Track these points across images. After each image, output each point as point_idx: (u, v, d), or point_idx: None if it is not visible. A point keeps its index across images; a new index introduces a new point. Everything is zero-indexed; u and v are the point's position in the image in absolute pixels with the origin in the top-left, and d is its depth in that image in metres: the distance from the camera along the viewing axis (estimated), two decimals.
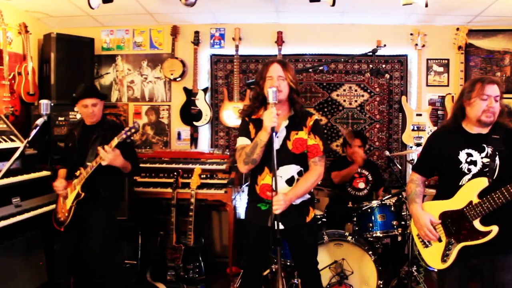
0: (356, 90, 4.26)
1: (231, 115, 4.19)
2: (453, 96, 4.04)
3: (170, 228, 3.43)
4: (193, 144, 4.36)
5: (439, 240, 2.10)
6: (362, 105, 4.26)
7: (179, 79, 4.29)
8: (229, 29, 4.28)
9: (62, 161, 3.06)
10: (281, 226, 2.20)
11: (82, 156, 2.75)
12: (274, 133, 2.10)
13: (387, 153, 3.65)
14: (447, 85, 4.17)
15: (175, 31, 4.28)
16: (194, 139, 4.36)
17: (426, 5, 3.02)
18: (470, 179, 2.02)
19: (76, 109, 3.59)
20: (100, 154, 2.56)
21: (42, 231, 3.20)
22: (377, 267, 2.96)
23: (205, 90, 4.24)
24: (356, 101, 4.27)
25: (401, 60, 4.21)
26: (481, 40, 4.11)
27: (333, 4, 3.13)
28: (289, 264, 3.08)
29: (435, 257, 2.12)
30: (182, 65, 4.24)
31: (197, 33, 4.24)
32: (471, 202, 1.99)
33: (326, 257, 2.99)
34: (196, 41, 4.24)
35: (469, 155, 2.05)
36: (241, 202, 3.84)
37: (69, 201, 2.77)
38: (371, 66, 4.17)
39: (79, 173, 2.73)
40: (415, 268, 3.16)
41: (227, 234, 3.85)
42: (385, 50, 3.75)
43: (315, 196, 2.45)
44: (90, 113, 2.81)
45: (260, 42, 4.26)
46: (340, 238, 3.03)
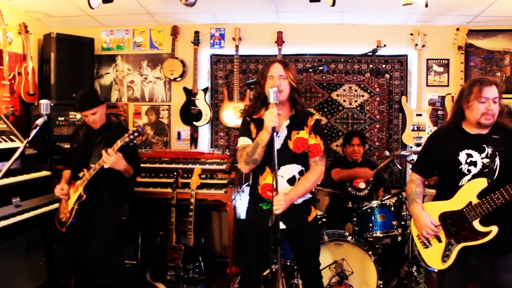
0: (356, 90, 4.26)
1: (231, 115, 4.19)
2: (453, 96, 4.04)
3: (170, 228, 3.43)
4: (193, 144, 4.36)
5: (439, 241, 2.10)
6: (362, 105, 4.26)
7: (179, 79, 4.28)
8: (229, 29, 4.28)
9: (67, 162, 3.07)
10: (282, 225, 2.20)
11: (86, 157, 2.75)
12: (275, 133, 2.10)
13: (387, 153, 3.65)
14: (447, 85, 4.16)
15: (175, 31, 4.28)
16: (194, 139, 4.36)
17: (426, 5, 3.02)
18: (470, 180, 2.02)
19: None
20: (103, 157, 2.56)
21: (42, 231, 3.20)
22: (377, 267, 2.96)
23: (205, 90, 4.24)
24: (356, 101, 4.27)
25: (401, 60, 4.21)
26: (481, 40, 4.11)
27: (333, 4, 3.13)
28: (289, 264, 3.08)
29: (435, 257, 2.12)
30: (182, 65, 4.24)
31: (197, 33, 4.24)
32: (470, 203, 1.99)
33: (326, 257, 2.99)
34: (196, 41, 4.24)
35: (469, 155, 2.05)
36: (241, 202, 3.84)
37: (71, 202, 2.78)
38: (371, 66, 4.17)
39: (82, 174, 2.73)
40: (415, 268, 3.16)
41: (227, 234, 3.85)
42: (385, 50, 3.75)
43: (316, 195, 2.45)
44: (90, 121, 2.83)
45: (260, 42, 4.26)
46: (340, 238, 3.03)
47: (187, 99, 4.26)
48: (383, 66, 4.22)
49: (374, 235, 3.15)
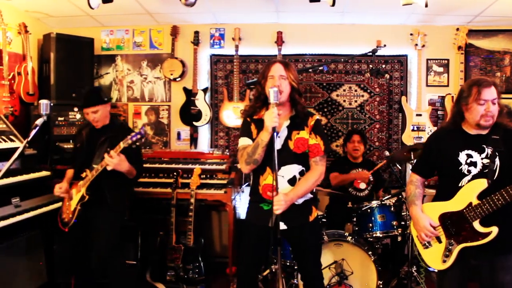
0: (356, 90, 4.26)
1: (231, 115, 4.19)
2: (453, 96, 4.03)
3: (170, 228, 3.43)
4: (192, 144, 4.36)
5: (439, 241, 2.10)
6: (362, 105, 4.26)
7: (179, 79, 4.28)
8: (229, 29, 4.28)
9: (70, 161, 3.06)
10: (284, 226, 2.21)
11: (89, 157, 2.75)
12: (275, 133, 2.10)
13: (386, 153, 3.65)
14: (447, 85, 4.16)
15: (175, 31, 4.28)
16: (193, 139, 4.36)
17: (426, 5, 3.02)
18: (470, 180, 2.02)
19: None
20: (105, 159, 2.55)
21: (42, 231, 3.20)
22: (376, 267, 2.96)
23: (205, 90, 4.24)
24: (356, 101, 4.26)
25: (401, 60, 4.21)
26: (481, 40, 4.10)
27: (333, 4, 3.13)
28: (289, 264, 3.08)
29: (435, 258, 2.12)
30: (182, 65, 4.24)
31: (197, 33, 4.24)
32: (470, 204, 1.99)
33: (326, 257, 2.99)
34: (196, 41, 4.24)
35: (469, 156, 2.05)
36: (240, 202, 3.84)
37: (73, 203, 2.77)
38: (371, 66, 4.17)
39: (84, 175, 2.72)
40: (414, 269, 3.16)
41: (226, 234, 3.85)
42: (385, 50, 3.75)
43: (317, 195, 2.44)
44: (91, 120, 2.82)
45: (260, 42, 4.26)
46: (340, 238, 3.04)
47: (187, 99, 4.25)
48: (383, 66, 4.22)
49: (374, 235, 3.14)
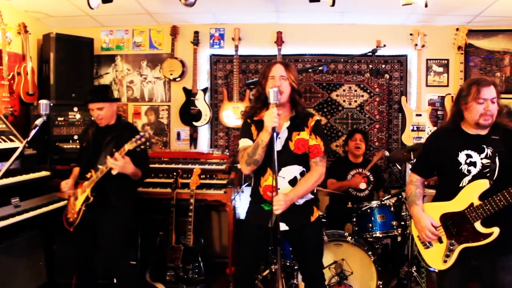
0: (355, 90, 4.26)
1: (231, 115, 4.19)
2: (452, 96, 4.03)
3: (170, 229, 3.43)
4: (192, 144, 4.36)
5: (440, 241, 2.10)
6: (362, 105, 4.26)
7: (179, 79, 4.28)
8: (228, 29, 4.28)
9: (76, 159, 3.06)
10: (285, 227, 2.21)
11: (95, 157, 2.73)
12: (275, 133, 2.10)
13: (386, 153, 3.65)
14: (447, 85, 4.16)
15: (174, 31, 4.28)
16: (193, 139, 4.36)
17: (426, 5, 3.02)
18: (470, 181, 2.02)
19: None
20: (110, 163, 2.53)
21: (42, 231, 3.20)
22: (376, 268, 2.96)
23: (204, 90, 4.24)
24: (355, 101, 4.26)
25: (401, 60, 4.21)
26: (481, 40, 4.10)
27: (333, 4, 3.13)
28: (288, 264, 3.08)
29: (436, 258, 2.11)
30: (181, 65, 4.24)
31: (196, 33, 4.24)
32: (472, 204, 1.99)
33: (326, 257, 2.98)
34: (196, 41, 4.24)
35: (468, 156, 2.04)
36: (240, 203, 3.84)
37: (78, 203, 2.77)
38: (370, 66, 4.17)
39: (90, 175, 2.71)
40: (414, 269, 3.15)
41: (226, 234, 3.84)
42: (385, 50, 3.74)
43: (318, 196, 2.45)
44: (95, 117, 2.80)
45: (259, 42, 4.26)
46: (340, 239, 3.04)
47: (186, 99, 4.25)
48: (383, 66, 4.22)
49: (373, 235, 3.15)
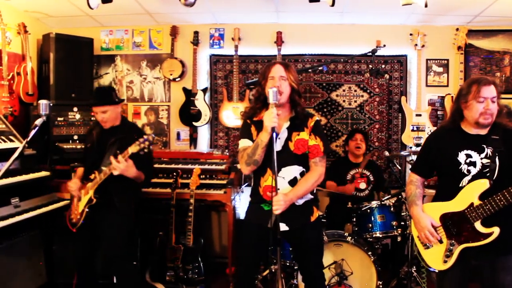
0: (355, 91, 4.26)
1: (231, 115, 4.19)
2: (452, 97, 4.03)
3: (170, 229, 3.42)
4: (192, 144, 4.36)
5: (440, 242, 2.10)
6: (362, 105, 4.26)
7: (179, 79, 4.28)
8: (228, 29, 4.28)
9: (81, 160, 3.06)
10: (285, 227, 2.21)
11: (99, 158, 2.72)
12: (274, 133, 2.09)
13: (386, 153, 3.65)
14: (447, 86, 4.16)
15: (174, 31, 4.28)
16: (193, 139, 4.36)
17: (426, 5, 3.02)
18: (470, 180, 2.02)
19: None
20: (112, 164, 2.52)
21: (42, 231, 3.20)
22: (376, 268, 2.96)
23: (204, 90, 4.24)
24: (355, 101, 4.26)
25: (401, 60, 4.21)
26: (480, 40, 4.10)
27: (332, 4, 3.13)
28: (288, 264, 3.08)
29: (436, 258, 2.11)
30: (181, 65, 4.24)
31: (196, 33, 4.24)
32: (472, 204, 1.99)
33: (325, 257, 2.97)
34: (196, 41, 4.23)
35: (468, 156, 2.04)
36: (240, 203, 3.84)
37: (81, 204, 2.76)
38: (370, 66, 4.17)
39: (93, 176, 2.70)
40: (414, 269, 3.15)
41: (226, 234, 3.85)
42: (385, 50, 3.74)
43: (317, 196, 2.45)
44: (100, 120, 2.79)
45: (259, 42, 4.26)
46: (340, 239, 3.03)
47: (186, 99, 4.25)
48: (383, 66, 4.22)
49: (373, 236, 3.14)
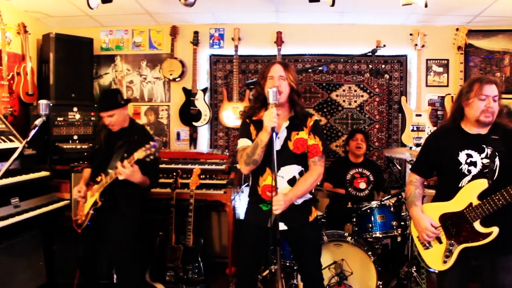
0: (355, 91, 4.26)
1: (231, 115, 4.19)
2: (452, 97, 4.03)
3: (169, 229, 3.42)
4: (192, 144, 4.36)
5: (439, 242, 2.10)
6: (362, 105, 4.26)
7: (178, 79, 4.28)
8: (228, 29, 4.28)
9: (89, 161, 3.05)
10: (284, 227, 2.21)
11: (106, 160, 2.72)
12: (274, 133, 2.09)
13: (386, 153, 3.65)
14: (447, 86, 4.17)
15: (174, 31, 4.28)
16: (193, 139, 4.36)
17: (426, 5, 3.02)
18: (470, 181, 2.02)
19: None
20: (118, 169, 2.52)
21: (42, 231, 3.20)
22: (376, 268, 2.96)
23: (204, 90, 4.24)
24: (355, 101, 4.26)
25: (401, 60, 4.21)
26: (480, 40, 4.10)
27: (332, 4, 3.13)
28: (288, 264, 3.08)
29: (435, 258, 2.11)
30: (181, 65, 4.24)
31: (196, 33, 4.24)
32: (471, 204, 1.98)
33: (325, 257, 2.98)
34: (196, 41, 4.23)
35: (468, 156, 2.04)
36: (240, 203, 3.84)
37: (87, 206, 2.77)
38: (370, 66, 4.17)
39: (100, 179, 2.70)
40: (414, 269, 3.15)
41: (226, 234, 3.84)
42: (385, 50, 3.74)
43: (316, 196, 2.45)
44: (107, 124, 2.78)
45: (259, 42, 4.26)
46: (340, 239, 3.03)
47: (186, 99, 4.25)
48: (383, 66, 4.22)
49: (373, 236, 3.14)
